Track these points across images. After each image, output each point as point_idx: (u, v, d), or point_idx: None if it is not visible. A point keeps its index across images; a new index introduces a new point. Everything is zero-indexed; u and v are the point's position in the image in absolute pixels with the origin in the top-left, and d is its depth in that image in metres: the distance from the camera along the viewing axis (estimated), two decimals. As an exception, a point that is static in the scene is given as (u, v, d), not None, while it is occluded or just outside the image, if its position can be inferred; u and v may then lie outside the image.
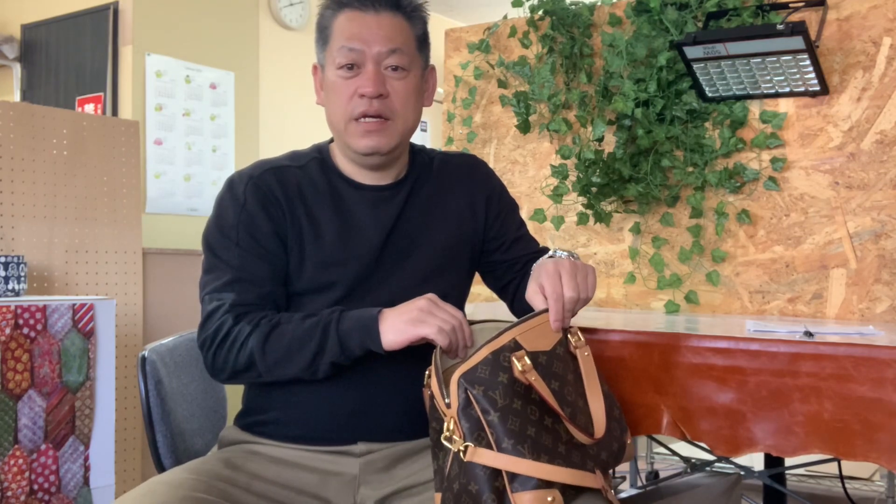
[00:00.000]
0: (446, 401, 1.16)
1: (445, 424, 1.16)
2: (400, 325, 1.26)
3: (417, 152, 1.52)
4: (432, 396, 1.21)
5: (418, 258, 1.43)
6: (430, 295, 1.29)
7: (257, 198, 1.38)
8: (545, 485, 1.12)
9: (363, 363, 1.33)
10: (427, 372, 1.27)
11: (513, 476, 1.12)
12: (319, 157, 1.46)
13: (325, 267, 1.38)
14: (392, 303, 1.32)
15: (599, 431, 1.22)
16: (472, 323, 1.33)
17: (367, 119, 1.36)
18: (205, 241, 1.41)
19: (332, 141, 1.49)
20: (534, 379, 1.16)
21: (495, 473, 1.12)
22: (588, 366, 1.27)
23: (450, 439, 1.14)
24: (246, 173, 1.41)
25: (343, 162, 1.45)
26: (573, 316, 1.30)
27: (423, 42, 1.44)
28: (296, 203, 1.39)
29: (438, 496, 1.20)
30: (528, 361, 1.17)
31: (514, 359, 1.17)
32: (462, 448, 1.13)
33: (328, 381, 1.34)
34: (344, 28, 1.37)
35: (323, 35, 1.40)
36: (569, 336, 1.27)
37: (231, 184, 1.41)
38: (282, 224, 1.38)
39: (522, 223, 1.59)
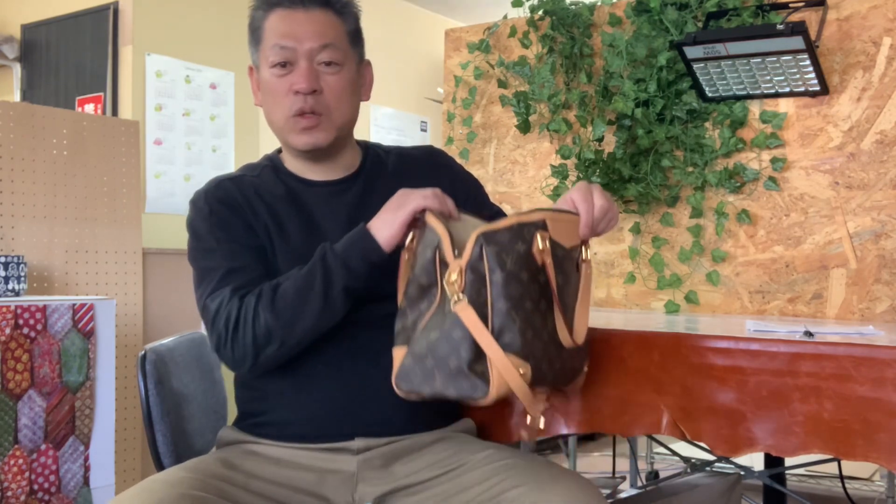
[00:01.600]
0: (455, 252, 1.19)
1: (448, 273, 1.18)
2: (388, 217, 1.29)
3: (371, 147, 1.55)
4: (437, 248, 1.22)
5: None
6: (399, 190, 1.31)
7: (221, 202, 1.41)
8: (524, 355, 1.15)
9: (355, 358, 1.34)
10: (411, 234, 1.28)
11: (500, 334, 1.15)
12: (271, 164, 1.50)
13: (296, 262, 1.38)
14: (369, 293, 1.34)
15: (579, 339, 1.26)
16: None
17: (303, 115, 1.39)
18: (190, 260, 1.43)
19: (281, 150, 1.52)
20: (548, 262, 1.20)
21: None
22: (586, 280, 1.30)
23: (449, 286, 1.17)
24: (202, 189, 1.45)
25: (292, 163, 1.48)
26: (598, 232, 1.32)
27: (355, 37, 1.46)
28: (257, 204, 1.42)
29: (401, 349, 1.23)
30: (548, 245, 1.20)
31: (538, 235, 1.19)
32: (457, 298, 1.16)
33: (321, 377, 1.35)
34: (275, 27, 1.40)
35: (255, 36, 1.44)
36: (583, 247, 1.30)
37: (193, 202, 1.45)
38: (249, 221, 1.40)
39: (491, 202, 1.61)
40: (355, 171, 1.49)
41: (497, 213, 1.57)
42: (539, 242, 1.19)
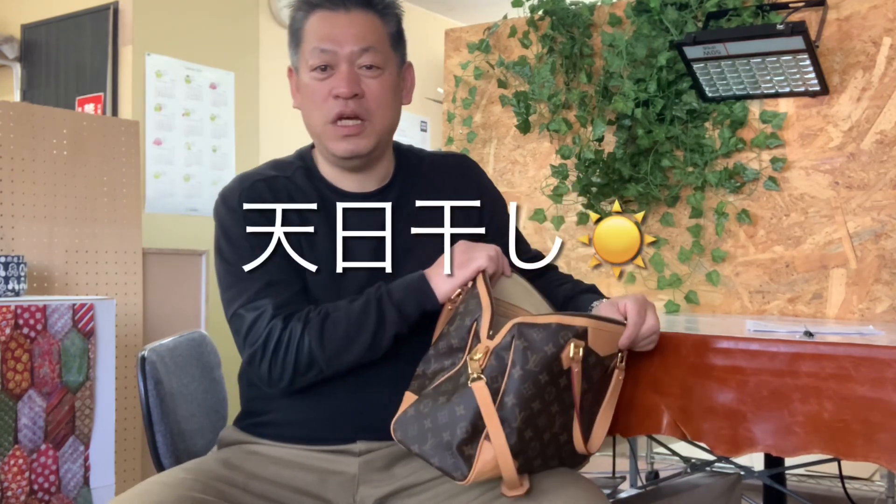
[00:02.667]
0: (490, 332, 1.19)
1: (475, 351, 1.18)
2: (450, 272, 1.29)
3: (404, 153, 1.51)
4: (477, 319, 1.22)
5: (412, 260, 1.41)
6: (460, 242, 1.32)
7: (253, 205, 1.38)
8: (515, 452, 1.15)
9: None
10: (460, 291, 1.28)
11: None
12: (304, 164, 1.45)
13: (321, 275, 1.37)
14: None
15: (593, 448, 1.25)
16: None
17: (344, 122, 1.36)
18: (218, 259, 1.39)
19: (314, 146, 1.48)
20: (576, 370, 1.18)
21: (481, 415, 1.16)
22: (616, 389, 1.29)
23: (471, 360, 1.17)
24: (235, 187, 1.41)
25: (326, 167, 1.44)
26: (636, 348, 1.32)
27: (397, 39, 1.43)
28: (289, 212, 1.38)
29: (411, 396, 1.23)
30: (580, 353, 1.18)
31: (572, 343, 1.18)
32: (476, 376, 1.16)
33: (325, 381, 1.34)
34: (316, 29, 1.37)
35: (295, 37, 1.40)
36: (619, 354, 1.28)
37: (224, 199, 1.40)
38: (283, 225, 1.38)
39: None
40: (389, 181, 1.46)
41: (517, 241, 1.55)
42: (571, 350, 1.17)
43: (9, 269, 2.49)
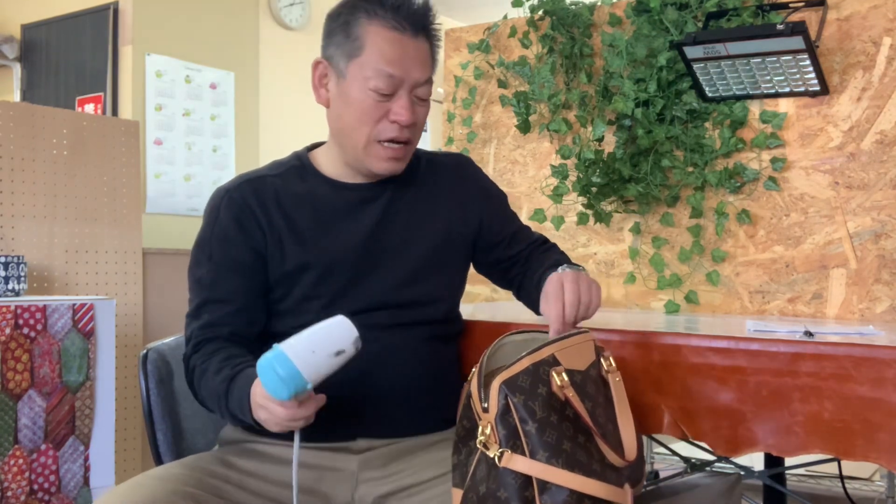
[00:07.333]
0: (484, 405, 1.17)
1: (481, 429, 1.16)
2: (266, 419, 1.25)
3: None
4: (469, 395, 1.22)
5: (406, 257, 1.43)
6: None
7: (231, 212, 1.40)
8: (575, 500, 1.12)
9: (361, 359, 1.34)
10: (473, 369, 1.28)
11: (543, 487, 1.12)
12: (299, 163, 1.47)
13: (307, 264, 1.38)
14: (381, 301, 1.37)
15: (630, 454, 1.23)
16: (517, 332, 1.34)
17: (394, 144, 1.37)
18: (192, 249, 1.46)
19: (311, 148, 1.50)
20: (571, 395, 1.17)
21: (526, 483, 1.12)
22: (619, 391, 1.27)
23: (485, 444, 1.15)
24: (224, 187, 1.45)
25: (330, 165, 1.46)
26: (577, 321, 1.30)
27: (434, 67, 1.45)
28: (272, 211, 1.40)
29: (458, 492, 1.20)
30: (565, 378, 1.18)
31: (553, 373, 1.17)
32: (498, 454, 1.13)
33: (326, 380, 1.35)
34: (384, 49, 1.33)
35: (353, 43, 1.35)
36: (601, 359, 1.28)
37: (211, 199, 1.45)
38: (256, 236, 1.40)
39: (515, 215, 1.61)
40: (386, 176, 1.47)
41: (519, 230, 1.56)
42: (556, 379, 1.17)
43: (9, 269, 2.49)
